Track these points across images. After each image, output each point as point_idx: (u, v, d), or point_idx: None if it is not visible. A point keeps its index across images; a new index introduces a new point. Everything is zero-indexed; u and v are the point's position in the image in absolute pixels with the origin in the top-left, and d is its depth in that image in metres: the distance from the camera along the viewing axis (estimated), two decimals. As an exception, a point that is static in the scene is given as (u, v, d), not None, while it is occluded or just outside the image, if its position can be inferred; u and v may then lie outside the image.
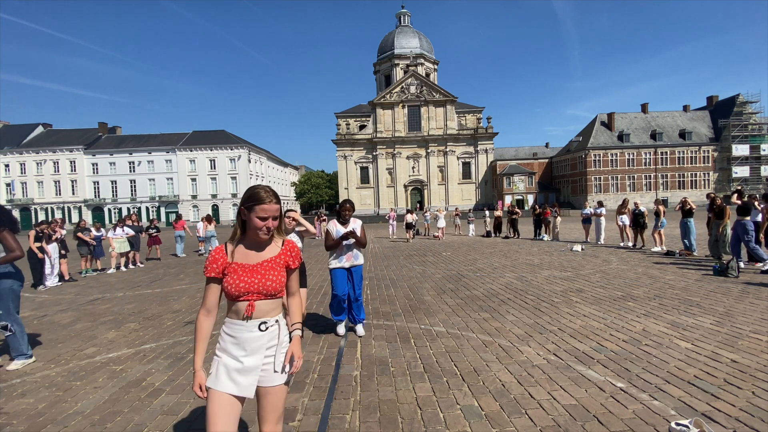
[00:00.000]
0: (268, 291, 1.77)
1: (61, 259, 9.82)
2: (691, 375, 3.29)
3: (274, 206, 1.77)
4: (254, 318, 1.75)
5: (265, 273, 1.78)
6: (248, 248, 1.82)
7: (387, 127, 58.02)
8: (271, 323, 1.79)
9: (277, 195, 1.81)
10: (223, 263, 1.78)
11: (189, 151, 59.80)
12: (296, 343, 1.88)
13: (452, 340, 4.45)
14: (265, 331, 1.77)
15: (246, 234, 1.82)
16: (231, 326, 1.76)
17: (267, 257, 1.83)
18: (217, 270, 1.76)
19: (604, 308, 5.48)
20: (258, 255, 1.82)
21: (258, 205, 1.74)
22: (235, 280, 1.73)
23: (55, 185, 58.58)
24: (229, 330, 1.76)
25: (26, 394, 3.48)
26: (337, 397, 3.19)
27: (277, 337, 1.82)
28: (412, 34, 64.78)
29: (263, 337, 1.76)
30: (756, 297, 5.77)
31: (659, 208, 11.26)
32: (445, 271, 9.24)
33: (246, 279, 1.74)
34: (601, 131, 55.65)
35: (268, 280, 1.77)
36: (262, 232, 1.77)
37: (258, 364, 1.75)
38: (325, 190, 75.97)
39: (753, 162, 53.24)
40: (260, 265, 1.79)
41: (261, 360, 1.76)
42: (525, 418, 2.75)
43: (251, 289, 1.74)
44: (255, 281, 1.75)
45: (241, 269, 1.76)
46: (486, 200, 55.90)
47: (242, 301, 1.73)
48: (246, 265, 1.77)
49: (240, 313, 1.74)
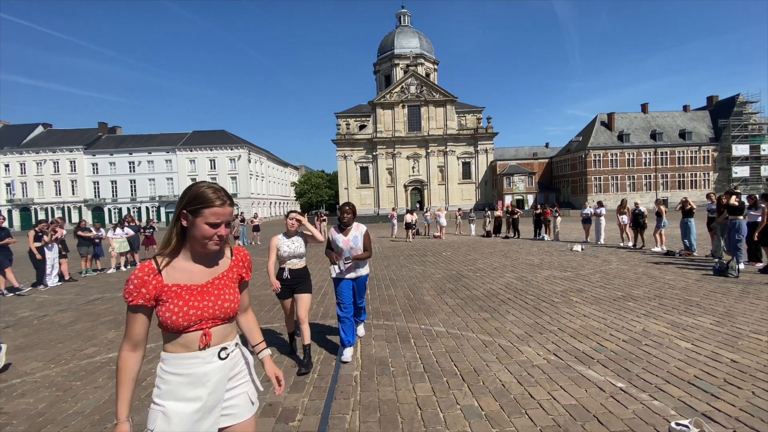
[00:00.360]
0: (226, 314, 1.45)
1: (61, 259, 9.83)
2: (691, 375, 3.29)
3: (227, 209, 1.43)
4: (212, 346, 1.42)
5: (220, 293, 1.45)
6: (191, 264, 1.45)
7: (387, 127, 58.00)
8: (231, 348, 1.48)
9: (229, 195, 1.46)
10: (157, 287, 1.36)
11: (189, 151, 59.80)
12: (271, 364, 1.67)
13: (452, 340, 4.45)
14: (226, 359, 1.45)
15: (186, 245, 1.45)
16: (177, 362, 1.38)
17: (218, 273, 1.49)
18: (146, 296, 1.35)
19: (604, 308, 5.48)
20: (207, 271, 1.46)
21: (207, 209, 1.38)
22: (182, 307, 1.36)
23: (55, 185, 58.56)
24: (175, 368, 1.38)
25: (26, 394, 3.48)
26: (337, 397, 3.19)
27: (240, 364, 1.53)
28: (412, 34, 64.74)
29: (224, 367, 1.44)
30: (756, 297, 5.77)
31: (660, 208, 11.26)
32: (445, 271, 9.24)
33: (197, 304, 1.39)
34: (601, 131, 55.63)
35: (225, 301, 1.44)
36: (212, 243, 1.41)
37: (219, 400, 1.43)
38: (325, 190, 76.00)
39: (753, 162, 53.20)
40: (211, 283, 1.45)
41: (223, 395, 1.44)
42: (525, 418, 2.75)
43: (205, 315, 1.39)
44: (209, 305, 1.41)
45: (187, 292, 1.39)
46: (486, 200, 55.86)
47: (193, 331, 1.39)
48: (193, 286, 1.41)
49: (191, 344, 1.39)
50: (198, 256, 1.46)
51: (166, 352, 1.41)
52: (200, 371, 1.39)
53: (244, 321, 1.69)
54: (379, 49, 67.66)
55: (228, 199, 1.44)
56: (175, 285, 1.39)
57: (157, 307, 1.38)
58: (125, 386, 1.36)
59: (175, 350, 1.39)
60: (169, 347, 1.40)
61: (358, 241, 4.00)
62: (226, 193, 1.45)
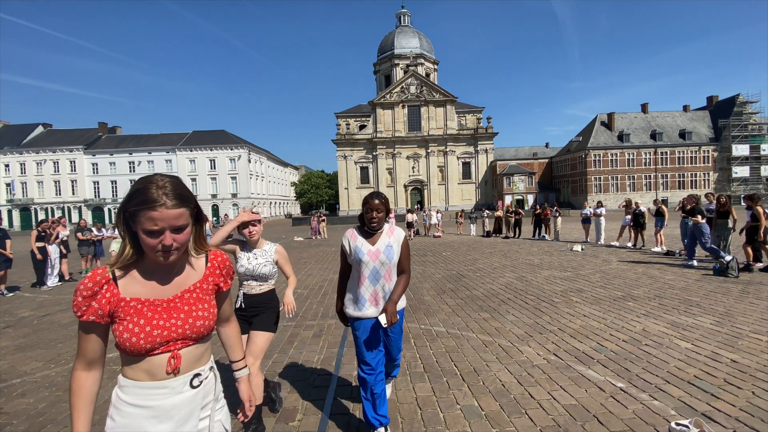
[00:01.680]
0: (198, 333, 1.19)
1: (61, 258, 9.83)
2: (691, 375, 3.29)
3: (171, 212, 1.07)
4: (182, 373, 1.17)
5: (191, 308, 1.19)
6: (154, 273, 1.18)
7: (387, 127, 58.02)
8: (205, 374, 1.23)
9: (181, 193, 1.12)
10: (111, 300, 1.10)
11: (189, 151, 59.83)
12: (248, 385, 1.45)
13: (452, 340, 4.44)
14: (199, 387, 1.20)
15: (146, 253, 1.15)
16: (139, 392, 1.13)
17: (189, 284, 1.23)
18: (98, 312, 1.09)
19: (604, 308, 5.48)
20: (174, 282, 1.20)
21: (144, 210, 1.06)
22: (144, 326, 1.10)
23: (55, 185, 58.58)
24: (136, 398, 1.12)
25: (26, 394, 3.48)
26: (337, 397, 3.19)
27: (214, 389, 1.27)
28: (412, 34, 64.76)
29: (197, 396, 1.19)
30: (756, 297, 5.77)
31: (662, 208, 11.27)
32: (445, 271, 9.24)
33: (162, 323, 1.13)
34: (601, 131, 55.64)
35: (197, 318, 1.19)
36: (158, 256, 1.10)
37: None
38: (325, 190, 76.07)
39: (753, 162, 53.21)
40: (180, 297, 1.19)
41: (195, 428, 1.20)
42: (525, 418, 2.75)
43: (173, 335, 1.14)
44: (177, 324, 1.15)
45: (149, 308, 1.13)
46: (486, 200, 55.87)
47: (158, 354, 1.13)
48: (157, 301, 1.15)
49: (156, 371, 1.13)
50: (160, 266, 1.17)
51: (125, 377, 1.14)
52: (167, 403, 1.14)
53: (224, 333, 1.45)
54: (379, 49, 67.70)
55: (176, 200, 1.09)
56: (134, 299, 1.12)
57: (112, 325, 1.12)
58: (81, 411, 1.11)
59: (136, 377, 1.13)
60: (129, 372, 1.13)
61: (393, 254, 2.44)
62: (176, 191, 1.11)
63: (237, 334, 1.47)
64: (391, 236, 2.49)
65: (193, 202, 1.16)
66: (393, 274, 2.48)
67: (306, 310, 6.03)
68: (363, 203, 2.44)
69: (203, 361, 1.24)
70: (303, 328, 5.12)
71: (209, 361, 1.27)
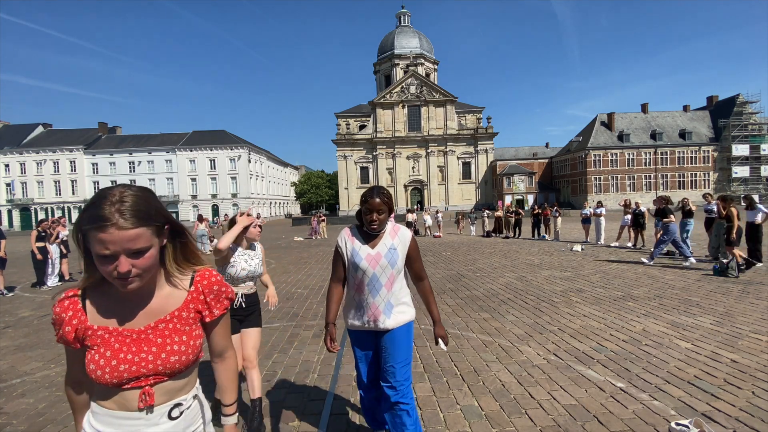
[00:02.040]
0: (172, 370, 1.02)
1: (62, 258, 9.83)
2: (691, 375, 3.29)
3: (124, 233, 0.89)
4: (158, 405, 1.02)
5: (164, 342, 1.02)
6: (125, 299, 1.02)
7: (387, 127, 58.05)
8: (187, 403, 1.08)
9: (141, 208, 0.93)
10: (79, 328, 0.99)
11: (189, 151, 59.84)
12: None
13: (452, 340, 4.44)
14: (179, 418, 1.05)
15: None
16: (112, 421, 1.01)
17: (165, 313, 1.05)
18: (66, 337, 1.00)
19: (604, 308, 5.48)
20: (148, 310, 1.04)
21: (92, 231, 0.89)
22: (109, 359, 0.97)
23: (55, 185, 58.60)
24: (108, 427, 1.01)
25: (26, 394, 3.48)
26: (337, 397, 3.19)
27: (200, 416, 1.13)
28: (412, 34, 64.78)
29: (177, 426, 1.05)
30: (756, 297, 5.77)
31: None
32: (445, 271, 9.24)
33: (129, 357, 0.98)
34: (601, 131, 55.64)
35: (171, 353, 1.02)
36: (119, 283, 0.94)
37: None
38: (325, 190, 76.11)
39: (753, 162, 53.20)
40: (153, 328, 1.02)
41: None
42: (525, 418, 2.75)
43: (142, 371, 0.99)
44: (147, 358, 0.99)
45: (117, 339, 0.99)
46: (486, 200, 55.89)
47: (128, 389, 0.99)
48: (126, 331, 1.01)
49: (128, 403, 1.00)
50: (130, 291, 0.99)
51: (97, 402, 1.03)
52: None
53: (216, 370, 1.23)
54: (379, 49, 67.73)
55: (133, 218, 0.90)
56: (101, 328, 0.99)
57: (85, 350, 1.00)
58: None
59: (108, 405, 1.01)
60: (102, 401, 1.02)
61: (397, 258, 2.11)
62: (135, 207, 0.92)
63: (232, 374, 1.23)
64: (394, 237, 2.12)
65: (160, 219, 0.98)
66: (396, 280, 2.13)
67: (306, 310, 6.03)
68: (361, 201, 2.07)
69: (184, 391, 1.08)
70: (303, 328, 5.12)
71: (193, 389, 1.12)
